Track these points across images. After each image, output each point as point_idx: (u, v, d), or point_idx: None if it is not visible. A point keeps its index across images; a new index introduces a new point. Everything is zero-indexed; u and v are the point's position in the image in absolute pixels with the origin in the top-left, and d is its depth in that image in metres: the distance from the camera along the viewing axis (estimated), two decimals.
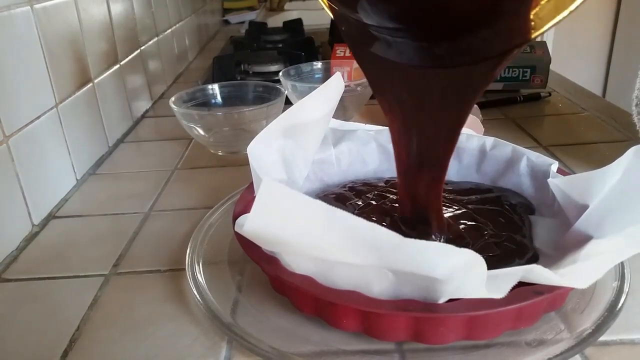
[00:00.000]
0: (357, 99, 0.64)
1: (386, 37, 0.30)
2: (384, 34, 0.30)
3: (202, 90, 0.64)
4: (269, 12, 1.65)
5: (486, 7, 0.26)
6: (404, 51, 0.30)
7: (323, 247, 0.26)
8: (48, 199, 0.48)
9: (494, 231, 0.35)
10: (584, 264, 0.27)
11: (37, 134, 0.47)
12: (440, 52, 0.29)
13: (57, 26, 0.52)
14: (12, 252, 0.42)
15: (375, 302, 0.27)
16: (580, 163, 0.52)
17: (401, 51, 0.30)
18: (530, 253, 0.33)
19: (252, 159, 0.33)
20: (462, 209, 0.38)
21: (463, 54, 0.29)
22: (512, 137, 0.58)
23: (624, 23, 1.80)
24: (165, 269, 0.39)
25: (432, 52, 0.29)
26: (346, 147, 0.44)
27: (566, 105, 0.70)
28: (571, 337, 0.29)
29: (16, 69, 0.44)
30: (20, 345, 0.32)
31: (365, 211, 0.38)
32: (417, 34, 0.29)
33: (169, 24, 0.94)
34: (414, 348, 0.29)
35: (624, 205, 0.29)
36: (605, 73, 1.92)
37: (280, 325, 0.31)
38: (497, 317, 0.28)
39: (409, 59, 0.30)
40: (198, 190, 0.51)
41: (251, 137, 0.35)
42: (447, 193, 0.40)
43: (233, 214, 0.35)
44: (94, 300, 0.36)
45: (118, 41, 0.68)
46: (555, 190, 0.35)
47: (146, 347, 0.31)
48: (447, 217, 0.37)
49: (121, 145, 0.64)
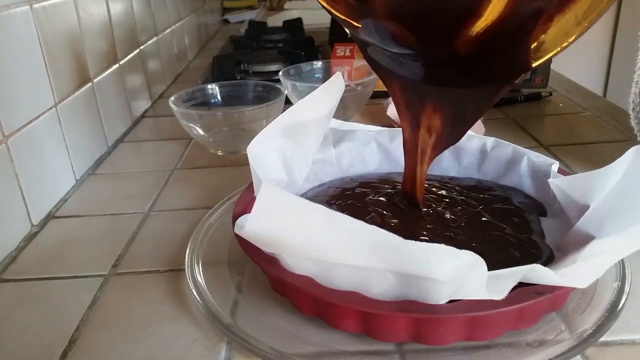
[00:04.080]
0: (357, 98, 0.64)
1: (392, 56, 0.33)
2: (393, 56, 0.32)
3: (201, 89, 0.64)
4: (269, 11, 1.65)
5: (490, 43, 0.27)
6: (412, 70, 0.32)
7: (323, 250, 0.26)
8: (47, 199, 0.48)
9: (511, 232, 0.35)
10: (584, 263, 0.27)
11: (36, 134, 0.47)
12: (445, 74, 0.31)
13: (57, 26, 0.52)
14: (11, 252, 0.42)
15: (375, 303, 0.27)
16: (581, 163, 0.52)
17: (409, 70, 0.32)
18: (546, 254, 0.32)
19: (252, 159, 0.33)
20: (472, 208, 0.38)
21: (468, 77, 0.30)
22: (513, 137, 0.58)
23: (625, 23, 1.79)
24: (165, 269, 0.39)
25: (438, 73, 0.31)
26: (346, 147, 0.44)
27: (567, 105, 0.70)
28: (572, 337, 0.28)
29: (15, 68, 0.44)
30: (19, 346, 0.32)
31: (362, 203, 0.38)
32: (423, 59, 0.32)
33: (169, 23, 0.94)
34: (414, 349, 0.29)
35: (625, 205, 0.29)
36: (606, 73, 1.92)
37: (280, 326, 0.31)
38: (497, 318, 0.27)
39: (414, 75, 0.32)
40: (197, 190, 0.51)
41: (251, 137, 0.35)
42: (457, 192, 0.40)
43: (233, 214, 0.35)
44: (93, 300, 0.36)
45: (117, 41, 0.68)
46: (555, 190, 0.35)
47: (145, 347, 0.31)
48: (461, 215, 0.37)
49: (120, 145, 0.64)
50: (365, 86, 0.64)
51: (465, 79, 0.31)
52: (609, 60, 1.91)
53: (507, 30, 0.26)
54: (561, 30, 0.26)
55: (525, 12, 0.26)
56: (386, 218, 0.36)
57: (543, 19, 0.26)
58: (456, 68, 0.31)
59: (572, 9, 0.25)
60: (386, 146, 0.45)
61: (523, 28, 0.26)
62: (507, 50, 0.28)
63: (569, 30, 0.26)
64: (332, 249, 0.26)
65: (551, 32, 0.27)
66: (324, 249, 0.26)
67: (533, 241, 0.33)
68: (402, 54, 0.32)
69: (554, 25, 0.26)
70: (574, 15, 0.26)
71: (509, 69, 0.29)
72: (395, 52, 0.32)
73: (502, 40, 0.27)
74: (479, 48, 0.28)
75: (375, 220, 0.36)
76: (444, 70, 0.31)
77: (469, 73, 0.30)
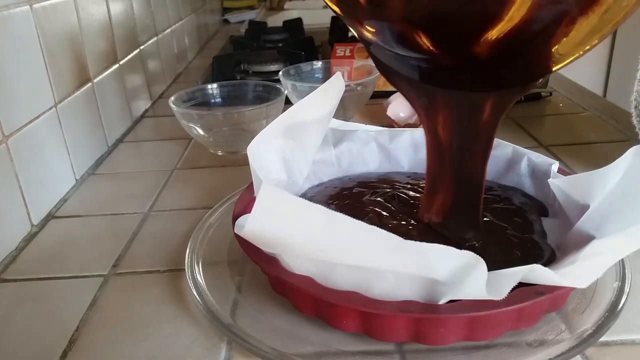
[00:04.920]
0: (357, 98, 0.64)
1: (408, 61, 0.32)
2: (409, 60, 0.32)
3: (201, 89, 0.64)
4: (269, 11, 1.65)
5: (510, 47, 0.27)
6: (426, 73, 0.31)
7: (323, 250, 0.26)
8: (47, 199, 0.48)
9: (514, 232, 0.35)
10: (584, 263, 0.27)
11: (36, 134, 0.47)
12: (463, 79, 0.30)
13: (57, 26, 0.52)
14: (11, 252, 0.42)
15: (375, 303, 0.27)
16: (581, 163, 0.52)
17: (423, 73, 0.32)
18: (548, 254, 0.32)
19: (252, 159, 0.33)
20: None
21: (486, 82, 0.30)
22: (513, 137, 0.58)
23: (625, 23, 1.79)
24: (165, 269, 0.39)
25: (455, 77, 0.31)
26: (346, 147, 0.44)
27: (567, 105, 0.70)
28: (572, 337, 0.28)
29: (15, 68, 0.44)
30: (19, 346, 0.32)
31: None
32: (440, 64, 0.31)
33: (169, 23, 0.94)
34: (414, 349, 0.29)
35: (625, 205, 0.29)
36: (606, 73, 1.92)
37: (280, 326, 0.31)
38: (497, 318, 0.27)
39: (430, 79, 0.31)
40: (197, 190, 0.51)
41: (251, 137, 0.35)
42: None
43: (233, 214, 0.35)
44: (93, 300, 0.36)
45: (117, 41, 0.68)
46: (555, 190, 0.35)
47: (145, 347, 0.31)
48: None
49: (120, 145, 0.64)
50: (365, 86, 0.64)
51: (481, 83, 0.30)
52: (609, 60, 1.90)
53: (529, 34, 0.26)
54: (583, 34, 0.26)
55: (548, 16, 0.25)
56: (384, 218, 0.36)
57: (566, 22, 0.25)
58: (472, 72, 0.30)
59: (596, 11, 0.24)
60: (386, 146, 0.45)
61: (545, 32, 0.26)
62: (527, 54, 0.27)
63: (592, 33, 0.26)
64: (332, 249, 0.26)
65: (573, 36, 0.26)
66: (324, 249, 0.26)
67: (535, 241, 0.33)
68: (416, 58, 0.31)
69: (576, 28, 0.25)
70: (598, 17, 0.25)
71: (527, 73, 0.28)
72: (409, 57, 0.31)
73: (522, 44, 0.27)
74: (498, 52, 0.27)
75: (374, 221, 0.36)
76: (458, 74, 0.31)
77: (485, 77, 0.30)
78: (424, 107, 0.33)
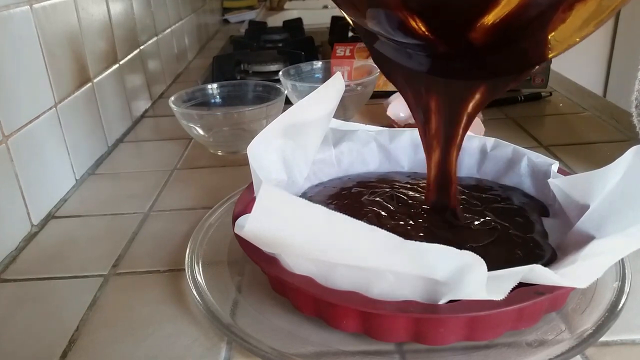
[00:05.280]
0: (357, 98, 0.64)
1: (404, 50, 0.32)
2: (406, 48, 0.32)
3: (201, 89, 0.64)
4: (269, 11, 1.65)
5: (506, 33, 0.26)
6: (422, 62, 0.31)
7: (323, 250, 0.26)
8: (47, 199, 0.48)
9: (516, 231, 0.35)
10: (584, 263, 0.27)
11: (36, 134, 0.47)
12: (459, 67, 0.30)
13: (57, 26, 0.52)
14: (11, 252, 0.42)
15: (375, 303, 0.27)
16: (581, 163, 0.52)
17: (420, 62, 0.32)
18: (549, 254, 0.32)
19: (252, 159, 0.33)
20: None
21: (481, 69, 0.29)
22: (513, 137, 0.58)
23: (625, 22, 1.79)
24: (165, 269, 0.39)
25: (451, 66, 0.30)
26: (346, 147, 0.44)
27: (567, 105, 0.70)
28: (572, 337, 0.28)
29: (15, 68, 0.44)
30: (19, 346, 0.32)
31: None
32: (435, 50, 0.31)
33: (169, 23, 0.94)
34: (414, 349, 0.29)
35: (625, 205, 0.29)
36: (606, 73, 1.92)
37: (280, 326, 0.31)
38: (497, 318, 0.27)
39: (422, 67, 0.31)
40: (197, 190, 0.51)
41: (251, 137, 0.35)
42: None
43: (233, 214, 0.35)
44: (93, 300, 0.36)
45: (117, 41, 0.68)
46: (555, 190, 0.35)
47: (145, 347, 0.31)
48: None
49: (120, 145, 0.64)
50: (365, 86, 0.64)
51: (477, 70, 0.30)
52: (609, 60, 1.90)
53: (525, 19, 0.25)
54: (581, 20, 0.25)
55: (545, 0, 0.25)
56: (383, 218, 0.36)
57: (563, 7, 0.25)
58: (468, 59, 0.30)
59: None
60: (386, 146, 0.45)
61: (542, 17, 0.25)
62: (523, 40, 0.27)
63: (589, 19, 0.25)
64: (332, 249, 0.26)
65: (570, 22, 0.25)
66: (324, 249, 0.26)
67: (537, 241, 0.33)
68: (410, 45, 0.31)
69: (574, 14, 0.25)
70: (596, 3, 0.24)
71: (523, 61, 0.28)
72: (404, 43, 0.31)
73: (519, 30, 0.26)
74: (494, 38, 0.27)
75: (372, 221, 0.36)
76: (454, 61, 0.30)
77: (481, 64, 0.29)
78: (418, 95, 0.33)
